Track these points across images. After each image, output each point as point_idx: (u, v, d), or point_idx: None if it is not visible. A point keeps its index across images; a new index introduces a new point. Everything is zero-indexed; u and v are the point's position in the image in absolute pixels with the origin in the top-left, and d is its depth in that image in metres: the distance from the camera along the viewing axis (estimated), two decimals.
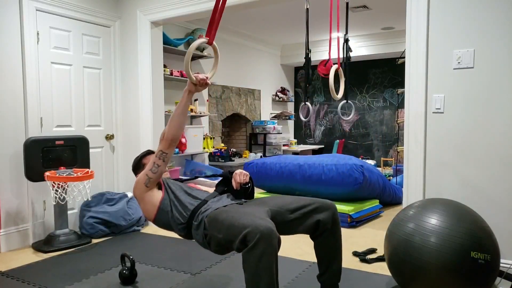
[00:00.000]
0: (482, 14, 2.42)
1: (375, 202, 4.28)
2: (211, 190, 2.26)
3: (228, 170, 2.25)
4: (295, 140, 7.88)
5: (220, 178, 2.27)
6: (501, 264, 2.29)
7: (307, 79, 2.39)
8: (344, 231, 3.61)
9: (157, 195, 2.12)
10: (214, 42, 1.93)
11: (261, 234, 1.60)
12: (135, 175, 2.29)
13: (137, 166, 2.31)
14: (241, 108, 6.61)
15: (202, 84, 1.96)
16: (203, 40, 1.88)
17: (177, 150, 4.89)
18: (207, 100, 5.77)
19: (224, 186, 2.23)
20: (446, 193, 2.56)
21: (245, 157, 6.50)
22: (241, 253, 1.67)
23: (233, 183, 2.13)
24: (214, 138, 5.86)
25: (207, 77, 1.96)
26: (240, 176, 2.12)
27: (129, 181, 4.11)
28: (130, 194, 3.91)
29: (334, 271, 2.09)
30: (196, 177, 2.43)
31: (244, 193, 2.18)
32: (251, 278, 1.65)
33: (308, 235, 2.09)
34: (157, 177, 2.09)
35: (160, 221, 2.13)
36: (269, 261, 1.62)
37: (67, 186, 3.31)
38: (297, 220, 2.02)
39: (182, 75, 4.96)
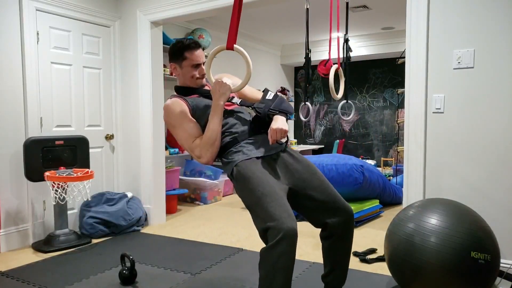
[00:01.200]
0: (482, 14, 2.42)
1: (375, 202, 4.28)
2: (259, 96, 2.16)
3: (270, 108, 1.99)
4: (295, 140, 7.88)
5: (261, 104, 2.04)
6: (501, 264, 2.29)
7: (307, 79, 2.39)
8: None
9: None
10: (236, 46, 1.92)
11: (284, 234, 1.59)
12: (170, 61, 2.10)
13: (176, 55, 2.08)
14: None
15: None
16: (221, 46, 1.97)
17: (177, 150, 4.89)
18: None
19: (260, 128, 2.04)
20: (446, 193, 2.56)
21: None
22: (260, 250, 1.68)
23: (269, 138, 1.93)
24: None
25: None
26: (278, 133, 1.90)
27: (129, 180, 4.11)
28: (130, 194, 3.91)
29: (338, 276, 2.05)
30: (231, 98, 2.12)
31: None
32: (266, 276, 1.65)
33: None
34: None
35: None
36: (287, 262, 1.62)
37: (67, 186, 3.31)
38: (309, 210, 1.97)
39: None
